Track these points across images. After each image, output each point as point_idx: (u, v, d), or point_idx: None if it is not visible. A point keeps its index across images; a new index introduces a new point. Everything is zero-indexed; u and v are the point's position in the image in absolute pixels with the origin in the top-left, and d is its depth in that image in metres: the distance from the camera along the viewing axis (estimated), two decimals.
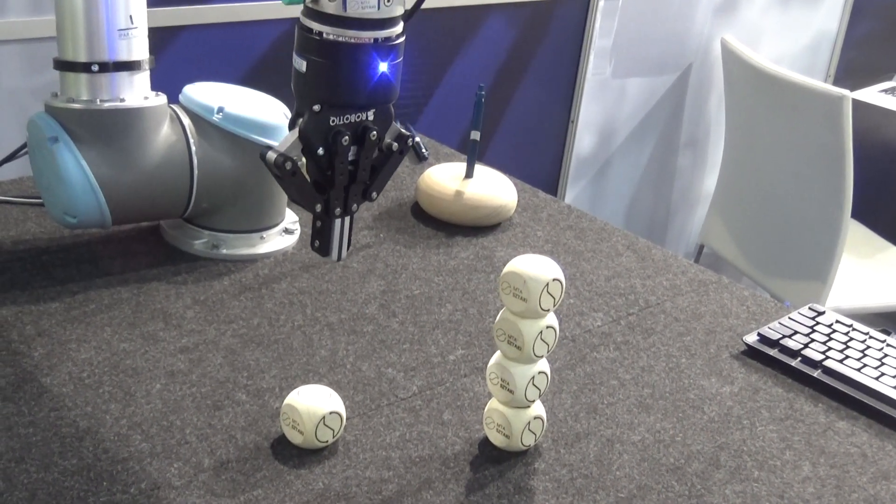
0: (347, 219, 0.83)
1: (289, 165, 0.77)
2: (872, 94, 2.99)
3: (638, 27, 2.63)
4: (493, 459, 0.90)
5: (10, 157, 1.20)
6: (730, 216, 2.62)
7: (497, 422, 0.90)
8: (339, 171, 0.79)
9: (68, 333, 1.01)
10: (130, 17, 1.07)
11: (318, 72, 0.76)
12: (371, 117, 0.79)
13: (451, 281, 1.20)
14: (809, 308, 1.17)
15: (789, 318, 1.15)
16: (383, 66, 0.77)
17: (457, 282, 1.20)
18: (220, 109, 1.14)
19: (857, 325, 1.15)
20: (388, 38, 0.77)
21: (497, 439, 0.91)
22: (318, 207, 0.80)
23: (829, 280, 2.34)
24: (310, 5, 0.76)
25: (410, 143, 0.83)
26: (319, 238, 0.83)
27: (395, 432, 0.92)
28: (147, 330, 1.03)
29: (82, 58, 1.06)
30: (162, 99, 1.12)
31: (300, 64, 0.77)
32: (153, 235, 1.21)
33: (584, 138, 2.66)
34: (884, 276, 2.57)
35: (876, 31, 3.32)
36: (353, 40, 0.75)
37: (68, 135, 1.06)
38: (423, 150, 1.56)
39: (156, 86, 1.13)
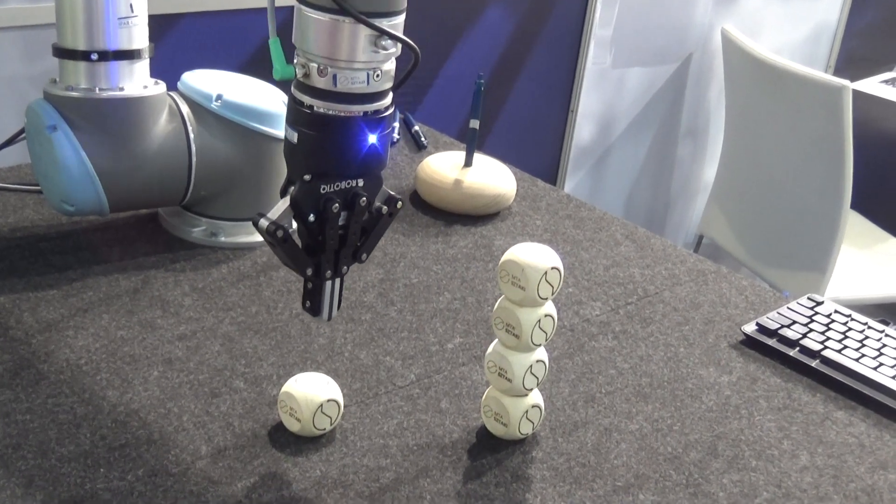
0: (338, 280, 0.85)
1: (280, 233, 0.78)
2: (873, 85, 2.99)
3: (638, 17, 2.63)
4: (490, 448, 0.90)
5: (8, 143, 1.20)
6: (729, 206, 2.62)
7: (495, 410, 0.90)
8: (330, 236, 0.81)
9: (66, 321, 1.01)
10: (131, 5, 1.06)
11: (309, 143, 0.78)
12: (361, 183, 0.81)
13: (449, 269, 1.20)
14: (808, 298, 1.17)
15: (788, 308, 1.15)
16: (372, 138, 0.78)
17: (455, 270, 1.20)
18: (219, 97, 1.13)
19: (855, 315, 1.15)
20: (377, 111, 0.78)
21: (495, 428, 0.91)
22: (309, 271, 0.82)
23: (828, 271, 2.34)
24: (301, 79, 0.77)
25: (399, 206, 0.84)
26: (310, 299, 0.84)
27: (393, 420, 0.92)
28: (145, 317, 1.03)
29: (81, 46, 1.06)
30: (161, 87, 1.12)
31: (292, 135, 0.79)
32: (151, 223, 1.21)
33: (583, 128, 2.66)
34: (882, 268, 2.57)
35: (876, 22, 3.31)
36: (342, 114, 0.77)
37: (67, 123, 1.06)
38: (422, 139, 1.56)
39: (154, 73, 1.13)
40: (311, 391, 0.87)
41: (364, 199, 0.81)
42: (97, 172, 1.07)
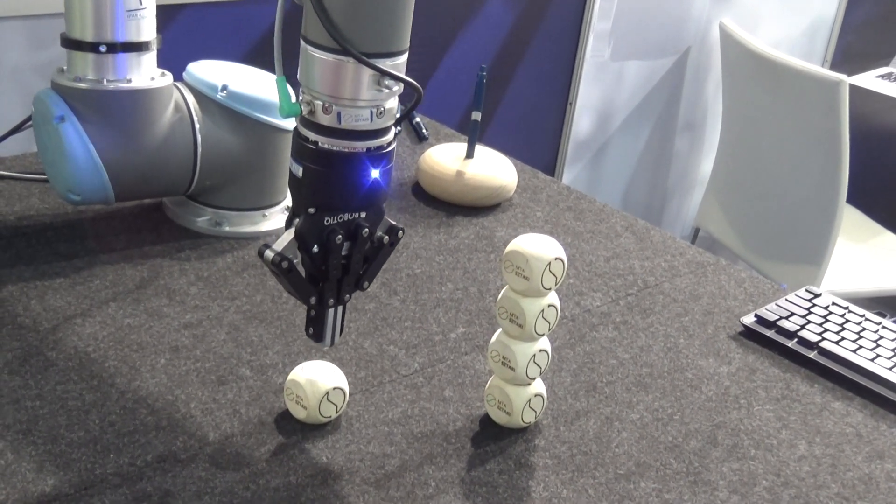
0: (340, 307, 0.87)
1: (285, 264, 0.80)
2: (869, 80, 3.00)
3: (637, 10, 2.64)
4: (493, 436, 0.91)
5: (15, 130, 1.21)
6: (726, 200, 2.63)
7: (498, 399, 0.91)
8: (333, 266, 0.82)
9: (73, 308, 1.02)
10: None
11: (313, 177, 0.80)
12: (363, 215, 0.83)
13: (451, 260, 1.21)
14: (806, 290, 1.19)
15: (786, 299, 1.16)
16: (375, 173, 0.80)
17: (457, 261, 1.21)
18: (224, 87, 1.14)
19: (852, 307, 1.16)
20: (379, 147, 0.80)
21: (498, 416, 0.92)
22: (313, 300, 0.84)
23: (823, 264, 2.35)
24: (306, 116, 0.79)
25: (400, 235, 0.86)
26: (314, 326, 0.86)
27: (397, 408, 0.93)
28: (151, 306, 1.04)
29: (89, 37, 1.07)
30: (168, 79, 1.13)
31: (297, 169, 0.81)
32: (156, 212, 1.22)
33: (582, 121, 2.67)
34: (878, 261, 2.59)
35: (873, 17, 3.33)
36: (346, 150, 0.79)
37: (74, 113, 1.07)
38: (424, 131, 1.57)
39: (159, 63, 1.14)
40: (317, 379, 0.88)
41: (366, 230, 0.83)
42: (103, 163, 1.08)
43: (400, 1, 0.76)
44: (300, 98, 0.80)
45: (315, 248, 0.81)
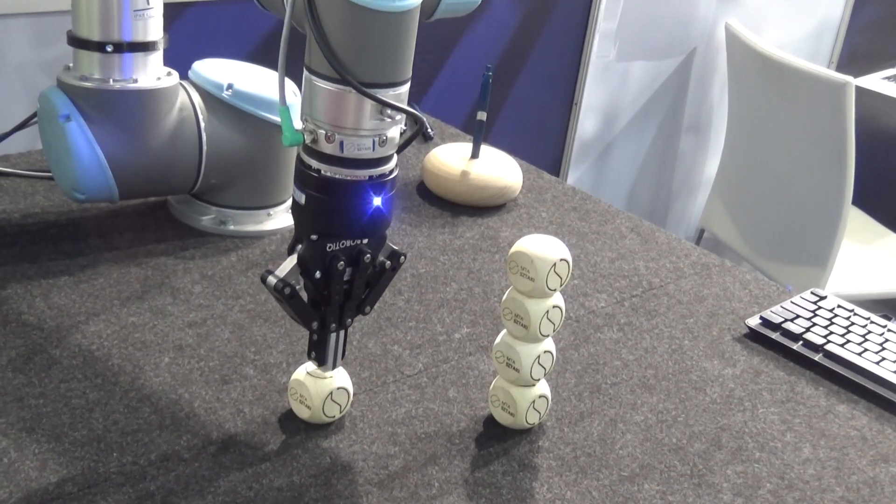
0: (342, 331, 0.87)
1: (287, 290, 0.81)
2: (875, 82, 3.00)
3: (643, 10, 2.63)
4: (497, 437, 0.91)
5: (20, 126, 1.21)
6: (731, 201, 2.63)
7: (502, 400, 0.91)
8: (335, 291, 0.83)
9: (77, 306, 1.02)
10: None
11: (316, 205, 0.81)
12: (366, 241, 0.83)
13: (456, 260, 1.21)
14: (811, 293, 1.18)
15: (791, 302, 1.16)
16: (377, 201, 0.81)
17: (462, 261, 1.21)
18: (230, 86, 1.14)
19: (858, 310, 1.16)
20: (382, 175, 0.81)
21: (502, 417, 0.92)
22: (315, 325, 0.84)
23: (828, 266, 2.35)
24: (309, 144, 0.80)
25: (402, 261, 0.86)
26: (316, 350, 0.87)
27: (401, 409, 0.93)
28: (155, 304, 1.04)
29: (96, 37, 1.06)
30: (174, 79, 1.13)
31: (300, 196, 0.81)
32: (161, 210, 1.22)
33: (587, 121, 2.67)
34: (883, 263, 2.58)
35: (880, 18, 3.32)
36: (349, 178, 0.80)
37: (79, 112, 1.07)
38: (429, 130, 1.57)
39: (165, 62, 1.14)
40: (322, 379, 0.88)
41: (368, 256, 0.83)
42: (108, 162, 1.08)
43: (402, 33, 0.77)
44: (303, 126, 0.80)
45: (318, 274, 0.82)
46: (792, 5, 3.05)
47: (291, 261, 0.82)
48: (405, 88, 0.80)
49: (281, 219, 1.22)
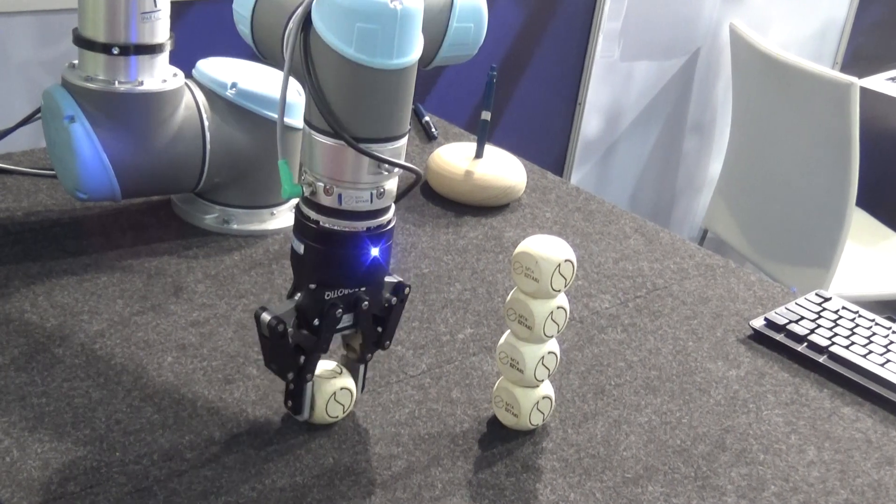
0: (362, 367, 0.90)
1: (281, 328, 0.81)
2: (879, 82, 2.99)
3: (647, 10, 2.63)
4: (501, 438, 0.91)
5: (24, 122, 1.21)
6: (734, 202, 2.62)
7: (506, 401, 0.91)
8: (325, 339, 0.83)
9: (80, 305, 1.01)
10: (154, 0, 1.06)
11: (314, 255, 0.82)
12: (363, 289, 0.84)
13: (459, 260, 1.21)
14: (816, 294, 1.18)
15: (796, 303, 1.16)
16: (375, 251, 0.82)
17: (466, 261, 1.20)
18: (234, 85, 1.14)
19: (863, 311, 1.15)
20: (379, 226, 0.82)
21: (505, 418, 0.91)
22: (291, 376, 0.84)
23: (832, 267, 2.34)
24: (308, 196, 0.81)
25: (407, 292, 0.87)
26: (292, 399, 0.87)
27: (405, 409, 0.93)
28: (158, 303, 1.04)
29: (102, 38, 1.06)
30: (179, 80, 1.12)
31: (298, 246, 0.82)
32: (164, 209, 1.22)
33: (591, 121, 2.66)
34: (886, 265, 2.58)
35: (884, 19, 3.31)
36: (347, 229, 0.81)
37: (84, 113, 1.06)
38: (433, 130, 1.56)
39: (169, 60, 1.13)
40: (325, 379, 0.87)
41: (366, 303, 0.84)
42: (112, 163, 1.07)
43: (399, 89, 0.78)
44: (302, 178, 0.81)
45: (316, 322, 0.82)
46: (796, 6, 3.04)
47: (289, 304, 0.83)
48: (402, 142, 0.80)
49: (284, 218, 1.21)
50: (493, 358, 1.02)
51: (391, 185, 0.81)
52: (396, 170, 0.80)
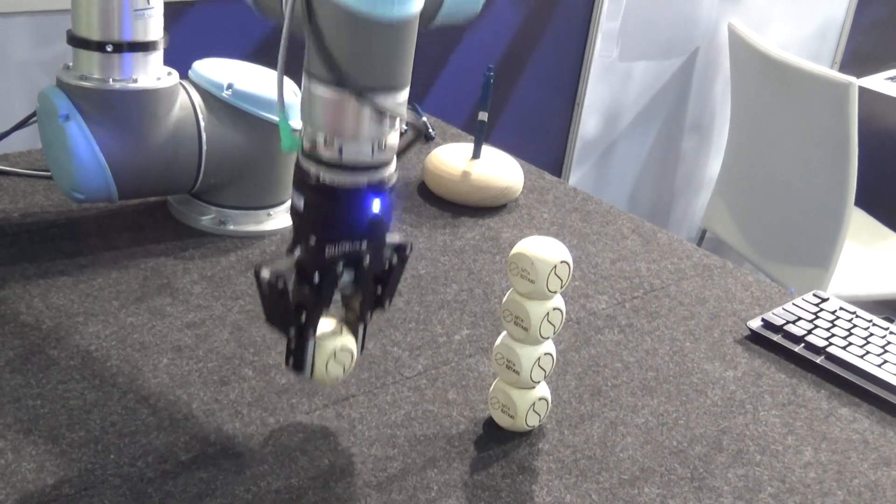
0: (362, 326, 0.88)
1: (281, 284, 0.80)
2: (878, 82, 2.99)
3: (645, 10, 2.63)
4: (497, 439, 0.91)
5: (20, 126, 1.21)
6: (733, 201, 2.62)
7: (502, 402, 0.90)
8: (325, 295, 0.82)
9: (76, 307, 1.01)
10: None
11: (314, 210, 0.80)
12: (364, 244, 0.83)
13: (456, 261, 1.20)
14: (813, 294, 1.18)
15: (793, 304, 1.16)
16: (376, 206, 0.80)
17: (462, 262, 1.20)
18: (230, 86, 1.14)
19: (860, 312, 1.15)
20: (381, 180, 0.80)
21: (502, 419, 0.91)
22: (292, 331, 0.83)
23: (830, 267, 2.34)
24: (308, 149, 0.79)
25: (408, 252, 0.86)
26: (294, 356, 0.85)
27: (401, 411, 0.93)
28: (154, 304, 1.03)
29: (96, 36, 1.06)
30: (174, 78, 1.12)
31: (298, 200, 0.81)
32: (160, 210, 1.22)
33: (589, 121, 2.66)
34: (885, 264, 2.58)
35: (883, 18, 3.31)
36: (348, 183, 0.79)
37: (79, 111, 1.06)
38: (430, 130, 1.56)
39: (165, 61, 1.13)
40: (325, 338, 0.85)
41: (368, 258, 0.83)
42: (108, 162, 1.07)
43: (401, 41, 0.77)
44: (301, 132, 0.80)
45: (316, 277, 0.81)
46: (795, 5, 3.04)
47: (290, 260, 0.81)
48: (404, 94, 0.79)
49: (281, 219, 1.21)
50: (490, 359, 1.01)
51: (392, 139, 0.80)
52: (398, 123, 0.79)
